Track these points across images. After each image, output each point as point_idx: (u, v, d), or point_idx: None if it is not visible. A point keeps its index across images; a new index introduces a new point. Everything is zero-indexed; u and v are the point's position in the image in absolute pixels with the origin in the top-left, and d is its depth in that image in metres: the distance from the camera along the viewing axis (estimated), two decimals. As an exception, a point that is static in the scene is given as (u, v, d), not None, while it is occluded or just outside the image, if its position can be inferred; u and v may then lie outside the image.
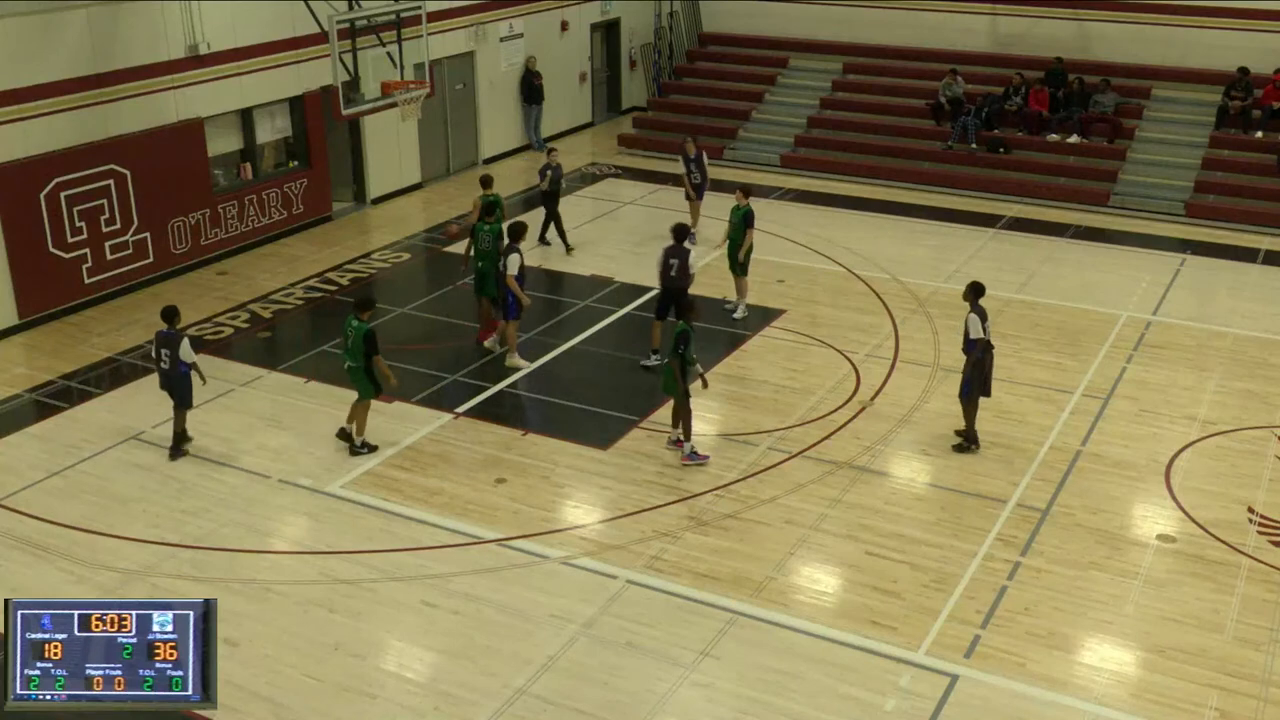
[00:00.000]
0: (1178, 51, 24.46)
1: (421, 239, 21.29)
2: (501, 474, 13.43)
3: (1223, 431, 14.41)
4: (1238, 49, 23.73)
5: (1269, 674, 10.28)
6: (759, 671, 10.28)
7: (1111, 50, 25.06)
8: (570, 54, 27.85)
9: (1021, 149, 24.19)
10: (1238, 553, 12.03)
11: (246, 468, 13.56)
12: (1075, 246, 20.84)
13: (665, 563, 11.83)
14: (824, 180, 24.01)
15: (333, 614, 11.08)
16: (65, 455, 13.87)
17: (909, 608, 11.13)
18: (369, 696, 10.04)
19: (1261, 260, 20.31)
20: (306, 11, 18.02)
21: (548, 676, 10.22)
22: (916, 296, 18.30)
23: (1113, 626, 10.95)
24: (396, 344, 16.36)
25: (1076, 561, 11.88)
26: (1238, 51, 23.68)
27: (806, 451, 13.89)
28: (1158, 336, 17.09)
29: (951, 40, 26.36)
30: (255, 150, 20.61)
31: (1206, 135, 23.41)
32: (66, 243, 17.49)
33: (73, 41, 17.20)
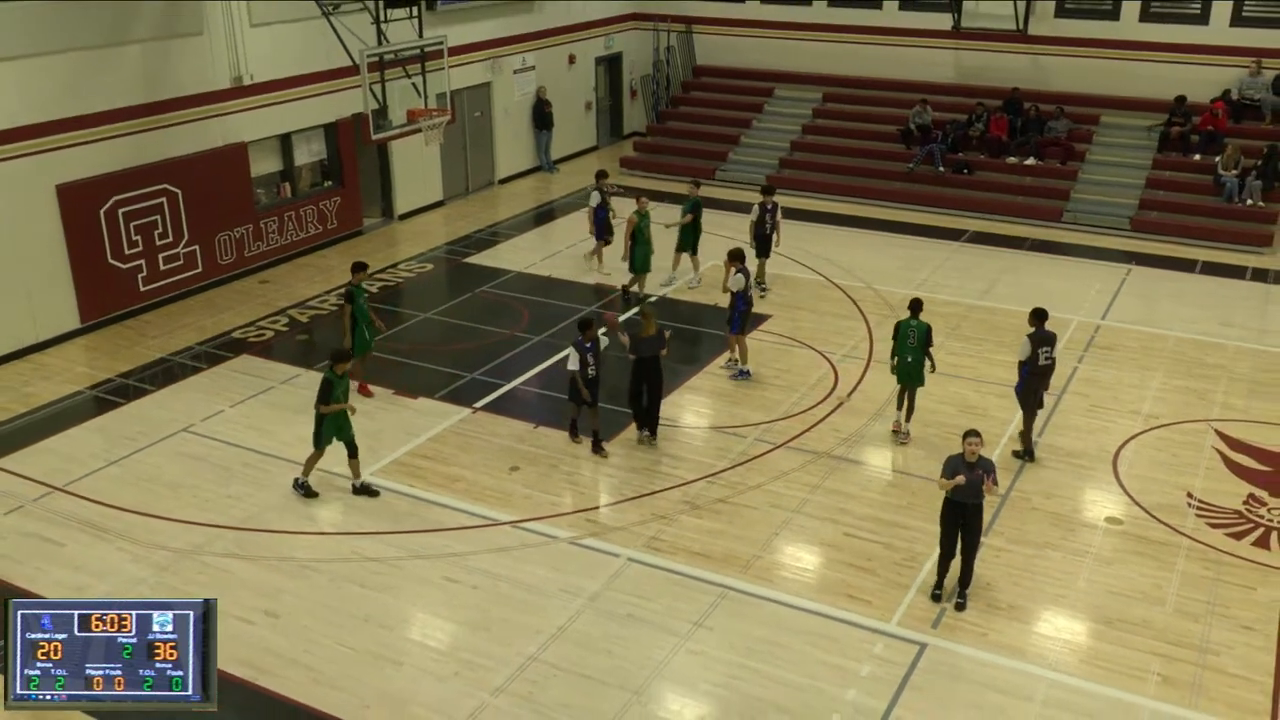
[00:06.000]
0: (1122, 82, 24.42)
1: (443, 250, 21.25)
2: (515, 463, 13.41)
3: (1165, 425, 14.38)
4: (1176, 80, 23.70)
5: (1206, 643, 10.26)
6: (747, 641, 10.26)
7: (1063, 81, 25.03)
8: (577, 84, 27.82)
9: (983, 170, 24.14)
10: (1178, 534, 12.01)
11: (286, 457, 13.52)
12: (1031, 258, 20.80)
13: (663, 542, 11.80)
14: (806, 198, 23.97)
15: (364, 589, 11.06)
16: (123, 446, 13.84)
17: (882, 583, 11.11)
18: (396, 664, 10.02)
19: (1199, 270, 20.28)
20: (340, 46, 17.98)
21: (557, 645, 10.20)
22: (889, 303, 18.26)
23: (1066, 600, 10.93)
24: (420, 344, 16.33)
25: (1033, 542, 11.86)
26: (1176, 83, 23.65)
27: (790, 443, 13.86)
28: (1106, 339, 17.06)
29: (920, 72, 26.31)
30: (293, 171, 20.57)
31: (1149, 158, 23.36)
32: (124, 254, 17.47)
33: (129, 73, 17.18)
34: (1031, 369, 13.11)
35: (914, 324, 13.57)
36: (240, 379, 15.68)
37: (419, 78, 19.10)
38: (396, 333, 17.30)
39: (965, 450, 10.25)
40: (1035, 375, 13.17)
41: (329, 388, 12.21)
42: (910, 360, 13.59)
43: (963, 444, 10.30)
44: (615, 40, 28.88)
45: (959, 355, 16.13)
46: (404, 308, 18.52)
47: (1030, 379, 13.16)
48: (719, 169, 25.79)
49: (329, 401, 12.22)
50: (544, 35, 26.18)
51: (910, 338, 13.55)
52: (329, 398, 12.21)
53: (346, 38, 18.06)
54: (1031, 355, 13.04)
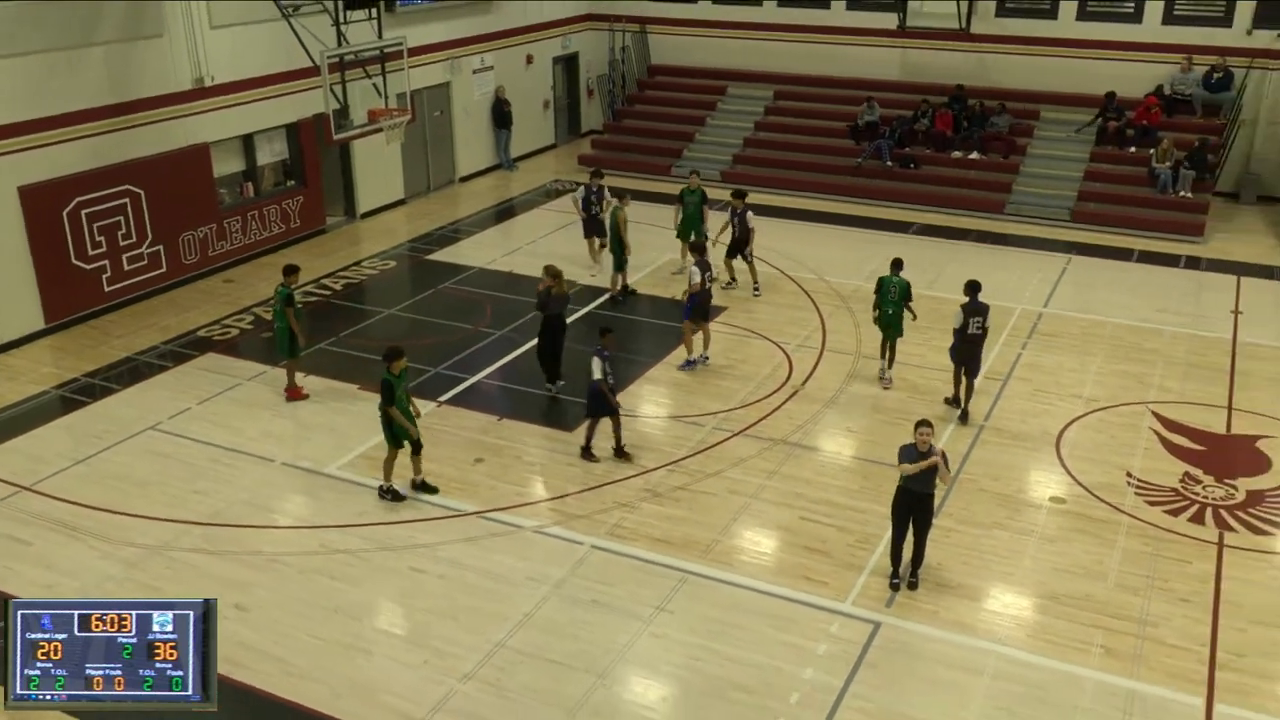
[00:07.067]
0: (1061, 78, 24.73)
1: (406, 248, 21.11)
2: (480, 454, 13.36)
3: (1104, 407, 14.60)
4: (1112, 76, 24.04)
5: (1145, 615, 10.45)
6: (708, 623, 10.31)
7: (1005, 77, 25.30)
8: (535, 84, 27.70)
9: (929, 164, 24.34)
10: (1118, 511, 12.20)
11: (252, 452, 13.40)
12: (976, 249, 21.02)
13: (625, 530, 11.82)
14: (759, 193, 23.96)
15: (332, 580, 10.98)
16: (90, 444, 13.64)
17: (837, 565, 11.20)
18: (366, 653, 9.96)
19: (1136, 259, 20.59)
20: (300, 47, 17.79)
21: (524, 631, 10.20)
22: (840, 294, 18.39)
23: (1012, 577, 11.08)
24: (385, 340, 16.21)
25: (981, 522, 12.00)
26: (1112, 79, 23.99)
27: (747, 431, 13.93)
28: (1048, 326, 17.29)
29: (867, 70, 26.47)
30: (256, 171, 20.33)
31: (1088, 151, 23.67)
32: (88, 255, 17.19)
33: (90, 75, 16.88)
34: (962, 336, 13.84)
35: (895, 280, 14.73)
36: (206, 377, 15.50)
37: (379, 78, 18.98)
38: (362, 328, 17.19)
39: (917, 440, 10.35)
40: (966, 342, 13.88)
41: (389, 388, 11.90)
42: (891, 312, 14.76)
43: (915, 434, 10.40)
44: (572, 41, 28.79)
45: (907, 343, 16.24)
46: (368, 305, 18.39)
47: (961, 345, 13.92)
48: (675, 165, 25.79)
49: (392, 401, 11.93)
50: (502, 36, 26.05)
51: (891, 292, 14.71)
52: (392, 397, 11.92)
53: (307, 39, 17.89)
54: (963, 323, 13.78)
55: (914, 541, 10.73)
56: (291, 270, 14.71)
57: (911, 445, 10.41)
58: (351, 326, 17.28)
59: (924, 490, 10.44)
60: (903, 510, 10.61)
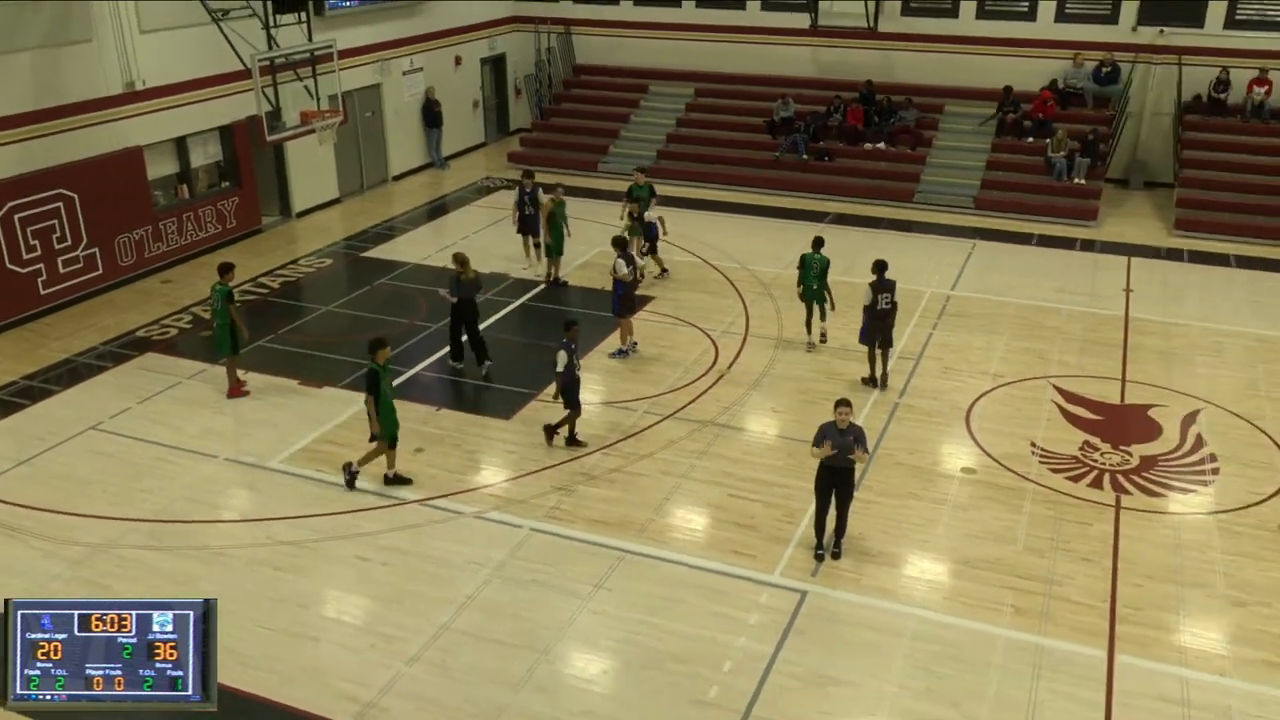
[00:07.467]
0: (962, 74, 25.15)
1: (342, 246, 20.77)
2: (420, 444, 13.23)
3: (1010, 382, 14.94)
4: (1010, 71, 24.53)
5: (1051, 575, 10.73)
6: (645, 599, 10.36)
7: (911, 73, 25.64)
8: (464, 84, 27.40)
9: (842, 157, 24.59)
10: (1024, 479, 12.50)
11: (195, 449, 13.11)
12: (887, 236, 21.31)
13: (562, 512, 11.81)
14: (682, 186, 24.11)
15: (278, 571, 10.81)
16: (31, 446, 13.22)
17: (765, 538, 11.32)
18: (313, 640, 9.83)
19: (1035, 243, 21.06)
20: (231, 51, 17.38)
21: (467, 613, 10.15)
22: (761, 281, 18.53)
23: (929, 544, 11.30)
24: (324, 336, 15.99)
25: (898, 493, 12.21)
26: (1009, 74, 24.48)
27: (676, 414, 13.98)
28: (956, 307, 17.62)
29: (782, 68, 26.67)
30: (190, 173, 19.83)
31: (989, 143, 24.13)
32: (22, 259, 16.63)
33: (18, 80, 16.31)
34: (872, 313, 14.20)
35: (816, 257, 15.47)
36: (146, 376, 15.11)
37: (310, 80, 18.62)
38: (300, 325, 16.89)
39: (837, 418, 10.49)
40: (875, 318, 14.27)
41: (375, 377, 11.72)
42: (815, 287, 15.49)
43: (834, 412, 10.53)
44: (498, 42, 28.53)
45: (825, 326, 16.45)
46: (305, 302, 18.07)
47: (871, 321, 14.27)
48: (601, 162, 25.74)
49: (377, 391, 11.74)
50: (430, 38, 25.70)
51: (813, 268, 15.43)
52: (376, 387, 11.73)
53: (237, 43, 17.48)
54: (873, 300, 14.13)
55: (836, 514, 10.88)
56: (227, 269, 14.40)
57: (831, 423, 10.55)
58: (290, 323, 16.97)
59: (844, 465, 10.59)
60: (825, 485, 10.76)
